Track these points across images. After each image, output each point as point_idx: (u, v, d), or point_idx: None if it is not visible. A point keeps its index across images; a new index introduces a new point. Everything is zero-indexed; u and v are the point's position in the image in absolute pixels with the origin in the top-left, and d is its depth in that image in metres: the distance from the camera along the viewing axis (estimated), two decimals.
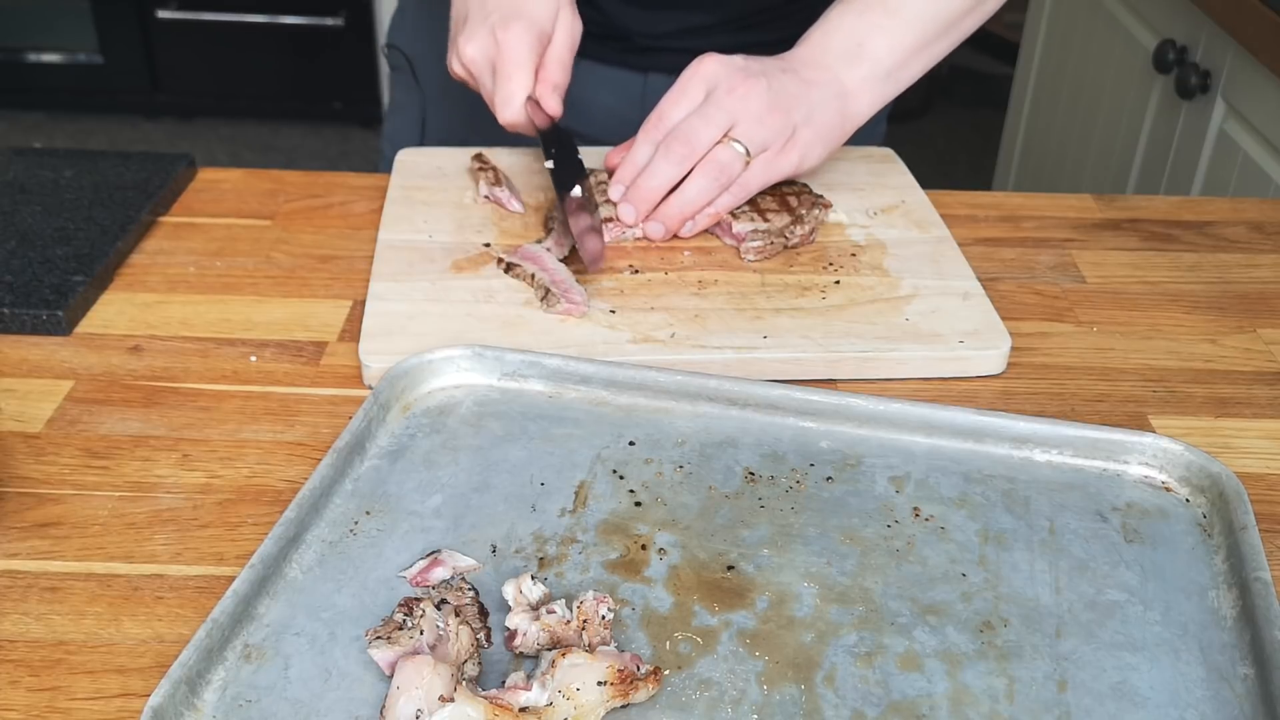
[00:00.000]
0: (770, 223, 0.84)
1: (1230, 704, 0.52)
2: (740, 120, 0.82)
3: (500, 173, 0.91)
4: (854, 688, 0.52)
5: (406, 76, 1.14)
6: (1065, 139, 2.00)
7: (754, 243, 0.83)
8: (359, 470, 0.63)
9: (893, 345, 0.74)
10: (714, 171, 0.82)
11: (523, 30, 0.84)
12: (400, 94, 1.16)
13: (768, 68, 0.84)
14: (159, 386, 0.71)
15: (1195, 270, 0.87)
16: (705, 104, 0.83)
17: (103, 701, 0.51)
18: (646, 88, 1.06)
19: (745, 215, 0.84)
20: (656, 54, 1.05)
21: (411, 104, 1.14)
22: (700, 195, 0.83)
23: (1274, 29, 1.31)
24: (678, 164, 0.82)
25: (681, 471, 0.64)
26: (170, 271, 0.83)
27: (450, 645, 0.51)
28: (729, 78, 0.83)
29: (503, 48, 0.84)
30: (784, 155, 0.84)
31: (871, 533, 0.61)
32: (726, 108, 0.82)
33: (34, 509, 0.62)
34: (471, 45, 0.85)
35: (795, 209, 0.86)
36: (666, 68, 1.05)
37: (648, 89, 1.06)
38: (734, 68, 0.83)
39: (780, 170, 0.85)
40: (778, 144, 0.83)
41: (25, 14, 3.14)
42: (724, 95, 0.82)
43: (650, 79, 1.06)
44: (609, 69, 1.06)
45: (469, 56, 0.86)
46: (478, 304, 0.77)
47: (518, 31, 0.83)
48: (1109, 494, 0.64)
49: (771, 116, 0.83)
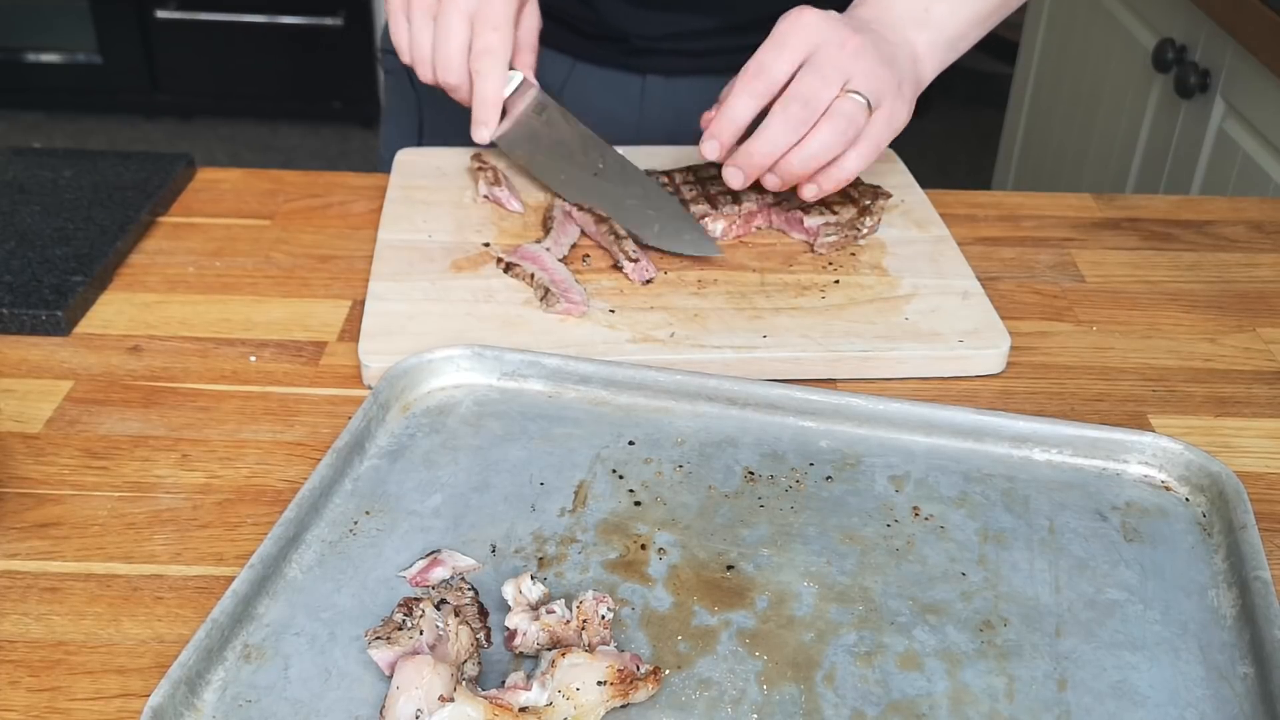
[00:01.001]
0: (839, 215, 0.84)
1: (1230, 703, 0.52)
2: (854, 75, 0.78)
3: (500, 172, 0.91)
4: (854, 687, 0.52)
5: (402, 81, 1.14)
6: (1065, 138, 2.00)
7: (828, 236, 0.82)
8: (359, 470, 0.63)
9: (892, 345, 0.74)
10: (841, 125, 0.77)
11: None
12: (396, 99, 1.15)
13: (860, 24, 0.81)
14: (158, 387, 0.71)
15: (1195, 269, 0.87)
16: (816, 60, 0.78)
17: (102, 702, 0.51)
18: (645, 89, 1.06)
19: (816, 210, 0.84)
20: (654, 56, 1.04)
21: (408, 108, 1.13)
22: (825, 150, 0.78)
23: (1273, 28, 1.31)
24: (797, 128, 0.77)
25: (681, 471, 0.64)
26: (169, 271, 0.83)
27: (450, 645, 0.51)
28: (836, 32, 0.78)
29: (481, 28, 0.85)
30: (898, 109, 0.81)
31: (871, 532, 0.61)
32: (839, 64, 0.77)
33: (33, 509, 0.62)
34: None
35: (858, 200, 0.86)
36: (664, 69, 1.05)
37: (646, 90, 1.06)
38: (836, 21, 0.79)
39: (900, 123, 0.81)
40: (890, 98, 0.80)
41: (24, 14, 3.14)
42: (835, 50, 0.77)
43: (648, 80, 1.06)
44: (606, 70, 1.06)
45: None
46: (477, 304, 0.77)
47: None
48: (1108, 493, 0.64)
49: (882, 70, 0.79)
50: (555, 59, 1.05)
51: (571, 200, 0.86)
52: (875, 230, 0.86)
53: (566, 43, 1.05)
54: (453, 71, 0.86)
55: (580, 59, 1.06)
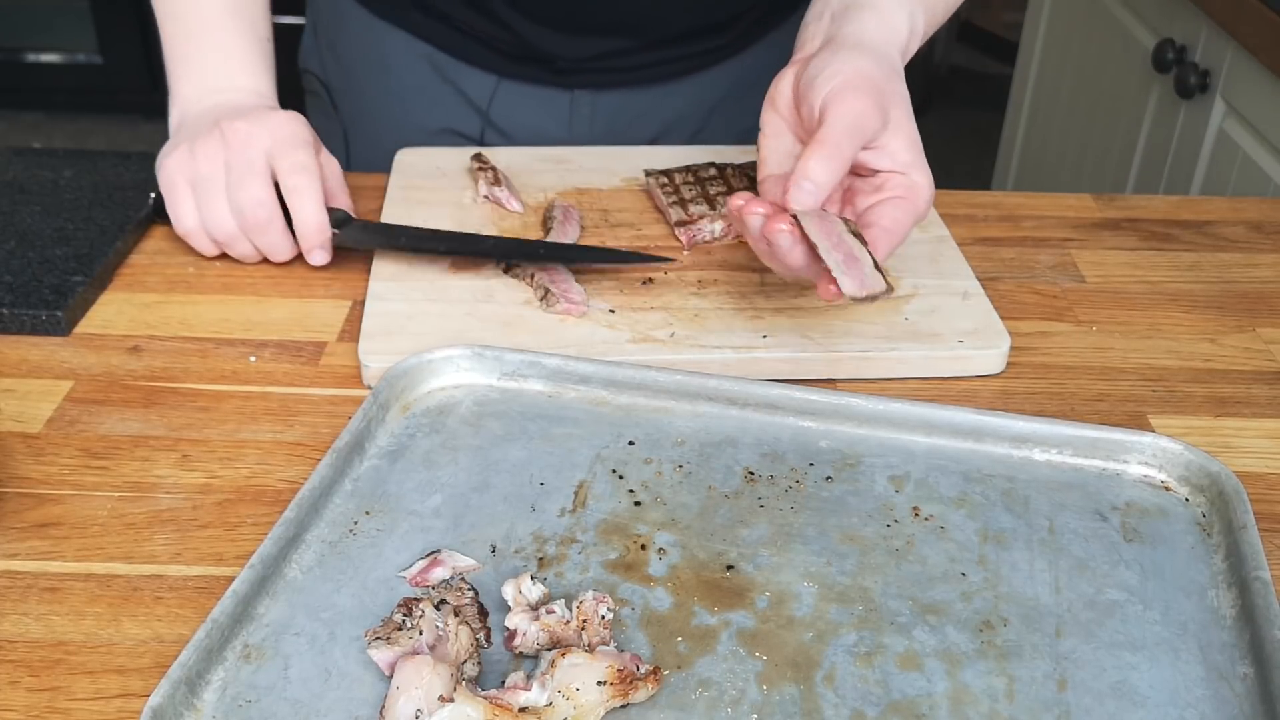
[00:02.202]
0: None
1: (1230, 703, 0.52)
2: None
3: (499, 172, 0.91)
4: (853, 687, 0.52)
5: (324, 103, 1.11)
6: (1064, 138, 2.00)
7: None
8: (358, 470, 0.63)
9: (892, 345, 0.74)
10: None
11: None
12: (320, 120, 1.11)
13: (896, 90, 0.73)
14: (158, 387, 0.71)
15: (1194, 270, 0.87)
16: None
17: (102, 702, 0.51)
18: (573, 104, 1.05)
19: None
20: (580, 74, 1.03)
21: (333, 132, 1.10)
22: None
23: (1273, 28, 1.31)
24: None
25: (681, 471, 0.64)
26: (169, 272, 0.83)
27: (450, 645, 0.51)
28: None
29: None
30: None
31: (871, 532, 0.61)
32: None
33: (33, 509, 0.62)
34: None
35: None
36: (591, 85, 1.03)
37: (574, 105, 1.05)
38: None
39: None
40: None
41: (25, 14, 3.14)
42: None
43: (576, 95, 1.04)
44: (533, 87, 1.04)
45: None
46: (477, 304, 0.77)
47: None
48: (1108, 493, 0.64)
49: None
50: (481, 77, 1.04)
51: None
52: None
53: (491, 62, 1.03)
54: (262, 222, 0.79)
55: (505, 77, 1.04)
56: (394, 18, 1.03)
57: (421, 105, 1.05)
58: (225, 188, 0.79)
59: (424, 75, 1.05)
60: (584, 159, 0.96)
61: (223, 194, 0.79)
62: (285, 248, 0.81)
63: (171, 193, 0.81)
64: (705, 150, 0.95)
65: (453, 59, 1.04)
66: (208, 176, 0.80)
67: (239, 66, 0.86)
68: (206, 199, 0.80)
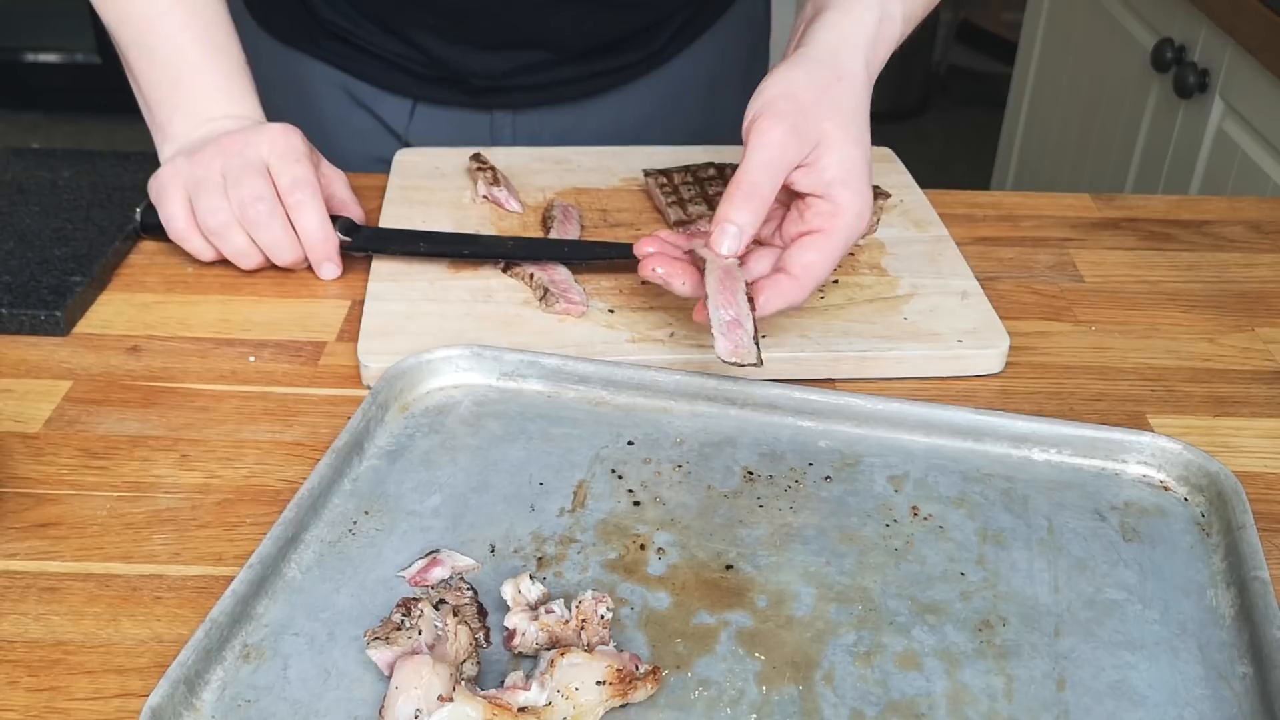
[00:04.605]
0: None
1: (1228, 702, 0.52)
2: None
3: (499, 172, 0.91)
4: (853, 687, 0.52)
5: None
6: (1063, 138, 2.00)
7: None
8: (357, 470, 0.63)
9: (891, 344, 0.74)
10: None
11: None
12: None
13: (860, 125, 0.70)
14: (157, 387, 0.71)
15: (1193, 269, 0.87)
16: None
17: (101, 702, 0.51)
18: (493, 125, 1.04)
19: None
20: (496, 94, 1.02)
21: None
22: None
23: (1272, 28, 1.31)
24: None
25: (680, 471, 0.64)
26: (168, 272, 0.83)
27: (449, 645, 0.51)
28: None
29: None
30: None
31: (870, 532, 0.61)
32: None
33: (32, 509, 0.62)
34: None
35: None
36: (509, 105, 1.02)
37: (494, 127, 1.04)
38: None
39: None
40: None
41: (23, 14, 3.15)
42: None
43: (495, 116, 1.04)
44: (450, 111, 1.03)
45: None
46: (476, 304, 0.77)
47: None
48: (1107, 493, 0.64)
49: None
50: (397, 103, 1.03)
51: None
52: (874, 230, 0.86)
53: (405, 86, 1.02)
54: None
55: (421, 100, 1.03)
56: (304, 46, 1.03)
57: (343, 133, 1.04)
58: (223, 188, 0.79)
59: (341, 103, 1.04)
60: (583, 159, 0.96)
61: (221, 192, 0.79)
62: (290, 247, 0.80)
63: (163, 196, 0.80)
64: (704, 150, 0.95)
65: (366, 84, 1.03)
66: (204, 179, 0.79)
67: (224, 98, 0.84)
68: (202, 197, 0.79)
